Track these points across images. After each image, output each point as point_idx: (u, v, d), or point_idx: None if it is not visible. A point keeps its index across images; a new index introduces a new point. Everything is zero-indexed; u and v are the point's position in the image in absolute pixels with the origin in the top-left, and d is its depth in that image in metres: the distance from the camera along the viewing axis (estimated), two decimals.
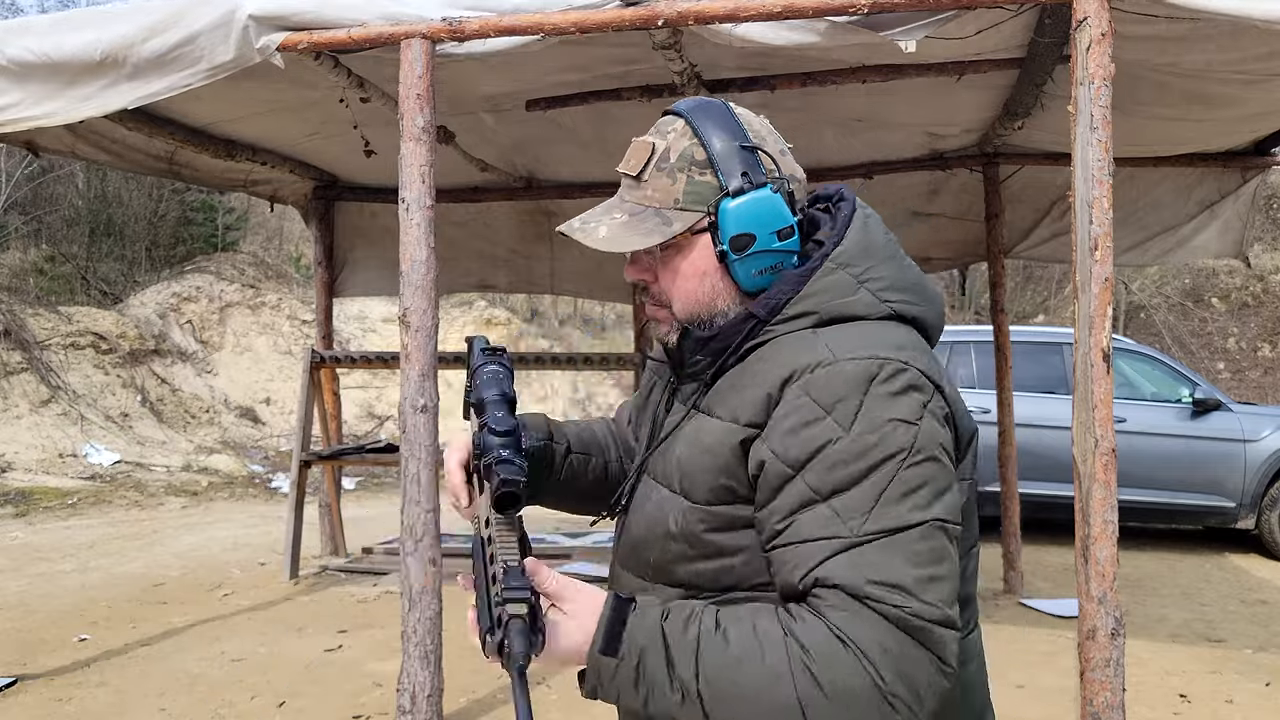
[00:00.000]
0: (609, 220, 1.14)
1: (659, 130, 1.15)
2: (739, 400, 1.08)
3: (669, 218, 1.12)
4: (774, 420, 1.02)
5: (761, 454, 1.02)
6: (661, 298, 1.18)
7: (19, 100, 3.43)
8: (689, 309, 1.16)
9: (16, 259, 14.67)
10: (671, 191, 1.11)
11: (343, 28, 3.19)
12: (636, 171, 1.13)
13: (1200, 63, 3.40)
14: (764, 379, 1.06)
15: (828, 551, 0.95)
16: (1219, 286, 18.67)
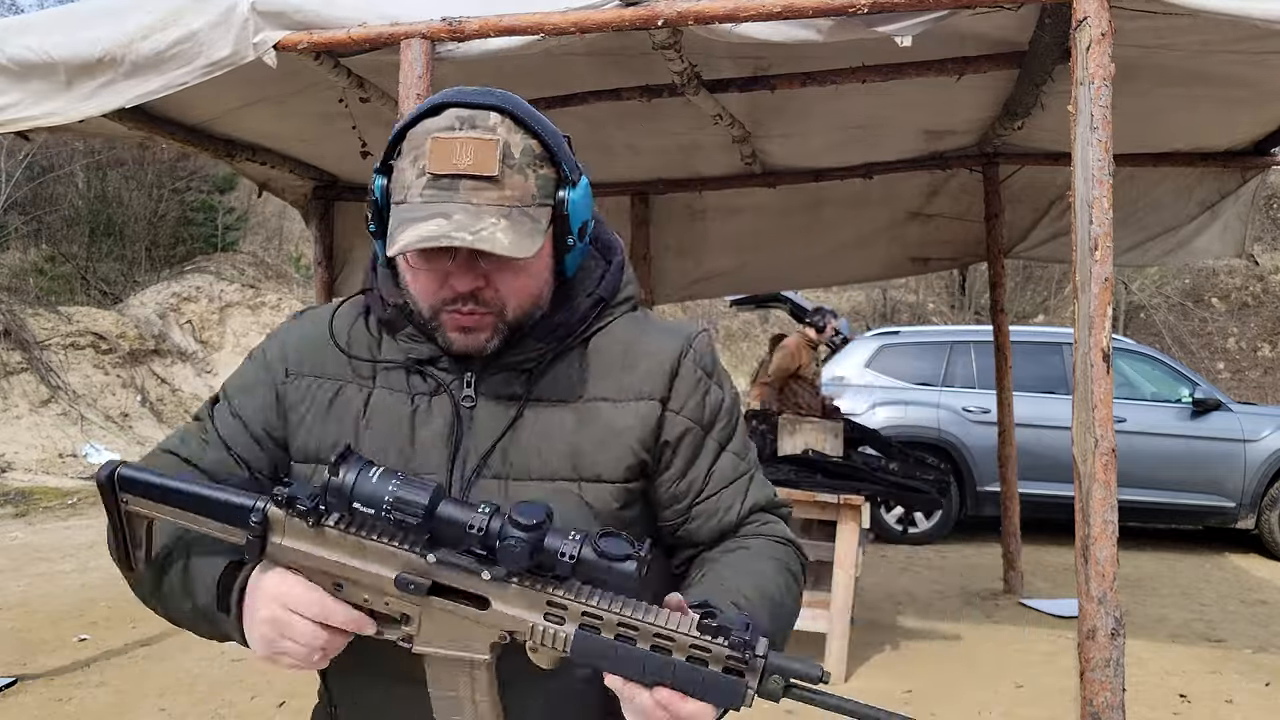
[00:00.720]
0: (490, 225, 1.03)
1: (482, 126, 1.05)
2: (631, 378, 1.15)
3: (535, 215, 1.07)
4: (679, 392, 1.16)
5: (681, 425, 1.16)
6: (493, 302, 1.09)
7: (19, 100, 3.43)
8: (525, 308, 1.12)
9: (16, 259, 14.67)
10: (527, 188, 1.07)
11: (342, 27, 3.19)
12: (490, 171, 1.04)
13: (1197, 43, 3.40)
14: (651, 356, 1.16)
15: (745, 485, 1.21)
16: (1219, 286, 18.67)
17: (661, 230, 6.37)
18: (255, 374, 1.20)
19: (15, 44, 3.36)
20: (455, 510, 0.97)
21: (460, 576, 0.98)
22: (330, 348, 1.17)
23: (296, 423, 1.16)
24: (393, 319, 1.16)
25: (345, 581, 1.01)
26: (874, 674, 4.51)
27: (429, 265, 1.08)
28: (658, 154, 5.45)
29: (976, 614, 5.53)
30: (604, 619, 0.95)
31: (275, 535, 1.01)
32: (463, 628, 0.99)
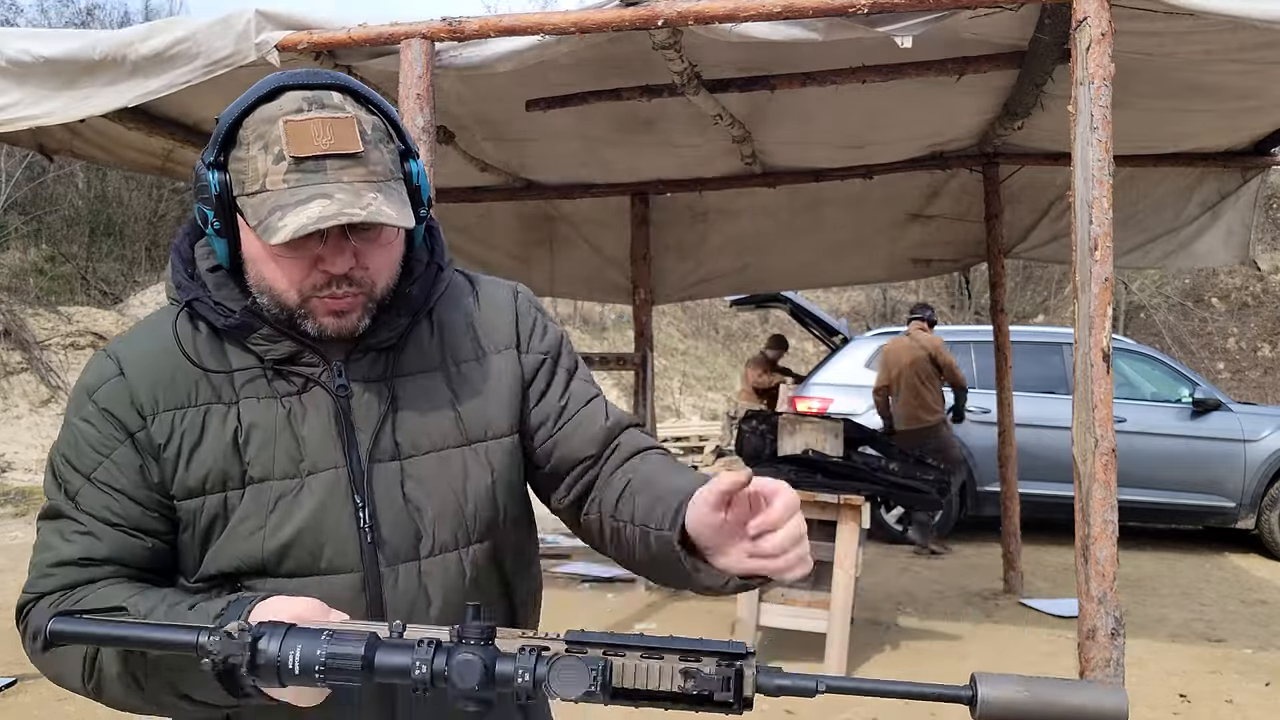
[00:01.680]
0: (372, 198, 1.01)
1: (330, 105, 1.03)
2: (481, 333, 1.20)
3: (399, 189, 1.07)
4: (523, 333, 1.23)
5: (534, 360, 1.23)
6: (364, 281, 1.07)
7: (19, 100, 3.44)
8: (390, 284, 1.11)
9: (16, 259, 14.67)
10: (386, 162, 1.06)
11: (342, 28, 3.19)
12: (356, 149, 1.02)
13: (1198, 52, 3.40)
14: (490, 308, 1.23)
15: (602, 403, 1.26)
16: (1219, 286, 18.67)
17: (662, 231, 6.37)
18: (100, 439, 1.07)
19: (15, 46, 3.36)
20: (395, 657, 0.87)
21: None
22: (179, 374, 1.08)
23: (171, 462, 1.07)
24: (243, 323, 1.09)
25: None
26: (874, 674, 4.49)
27: (297, 252, 1.03)
28: (658, 152, 5.46)
29: (976, 614, 5.53)
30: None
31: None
32: None
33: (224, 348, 1.11)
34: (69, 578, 1.05)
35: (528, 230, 6.64)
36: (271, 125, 1.02)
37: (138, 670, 1.00)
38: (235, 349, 1.10)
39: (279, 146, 1.01)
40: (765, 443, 5.47)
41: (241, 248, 1.08)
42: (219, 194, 1.04)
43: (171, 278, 1.13)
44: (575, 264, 6.74)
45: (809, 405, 7.87)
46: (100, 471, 1.06)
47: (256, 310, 1.08)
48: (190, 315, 1.11)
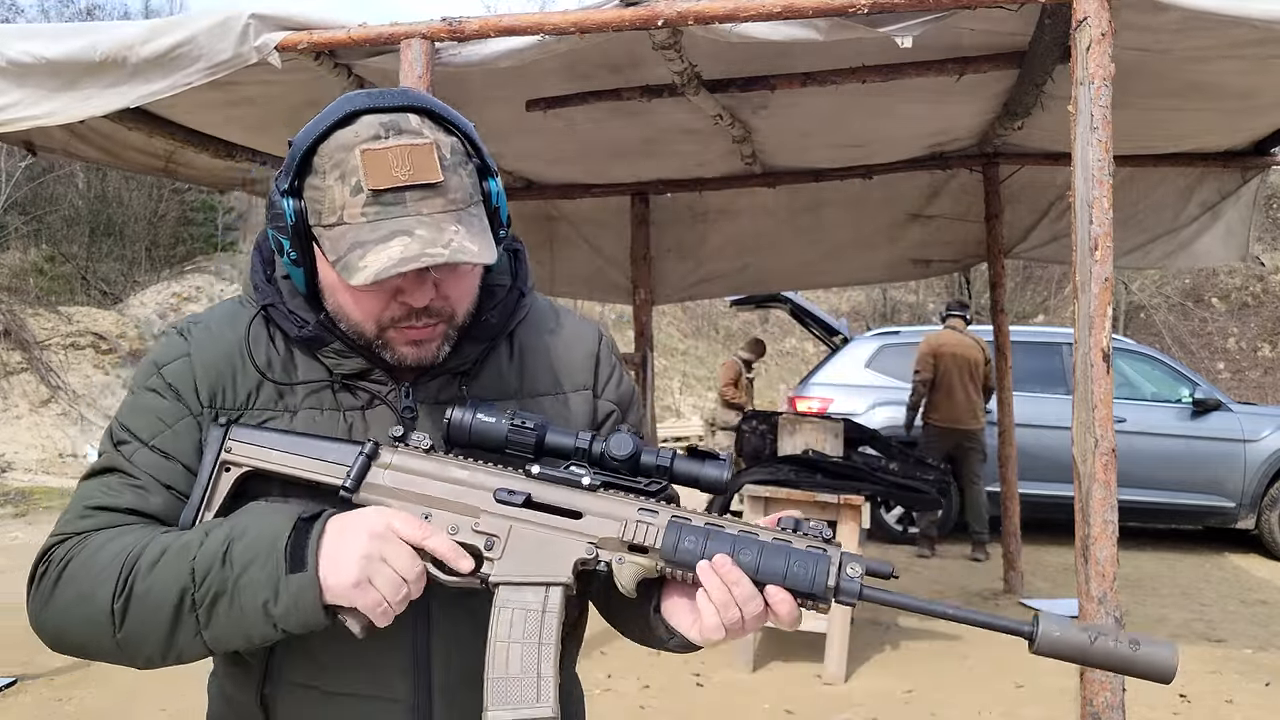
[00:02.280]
0: (453, 233, 0.99)
1: (408, 130, 1.00)
2: (560, 368, 1.20)
3: (478, 214, 1.04)
4: (601, 378, 1.22)
5: (606, 408, 1.22)
6: (443, 311, 1.05)
7: (19, 100, 3.43)
8: (469, 308, 1.09)
9: (16, 259, 14.68)
10: (465, 187, 1.02)
11: (342, 28, 3.19)
12: (435, 179, 0.99)
13: (1197, 50, 3.40)
14: (573, 345, 1.21)
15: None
16: (1219, 286, 18.68)
17: (662, 231, 6.37)
18: (166, 408, 1.08)
19: (16, 47, 3.36)
20: (561, 435, 1.06)
21: (558, 490, 1.04)
22: (240, 375, 1.09)
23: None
24: (315, 335, 1.08)
25: (437, 509, 1.03)
26: (874, 674, 4.51)
27: (377, 289, 1.02)
28: (658, 153, 5.46)
29: None
30: (691, 519, 1.02)
31: (380, 462, 1.05)
32: (549, 545, 1.03)
33: (293, 355, 1.11)
34: (111, 522, 1.04)
35: (528, 230, 6.64)
36: (348, 154, 0.99)
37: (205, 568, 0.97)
38: (305, 358, 1.10)
39: (356, 177, 0.98)
40: (765, 443, 5.48)
41: (319, 278, 1.07)
42: (294, 223, 1.02)
43: (250, 277, 1.13)
44: (575, 264, 6.74)
45: (809, 405, 7.87)
46: (161, 439, 1.07)
47: (329, 324, 1.08)
48: (265, 319, 1.11)
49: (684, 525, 1.01)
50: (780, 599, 0.99)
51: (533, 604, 1.01)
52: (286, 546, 0.97)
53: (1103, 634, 0.93)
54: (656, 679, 4.41)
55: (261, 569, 0.96)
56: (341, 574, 0.96)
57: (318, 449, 1.05)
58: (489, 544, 1.02)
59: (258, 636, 0.98)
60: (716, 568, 0.98)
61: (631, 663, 4.61)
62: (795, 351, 20.87)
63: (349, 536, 0.97)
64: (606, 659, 4.66)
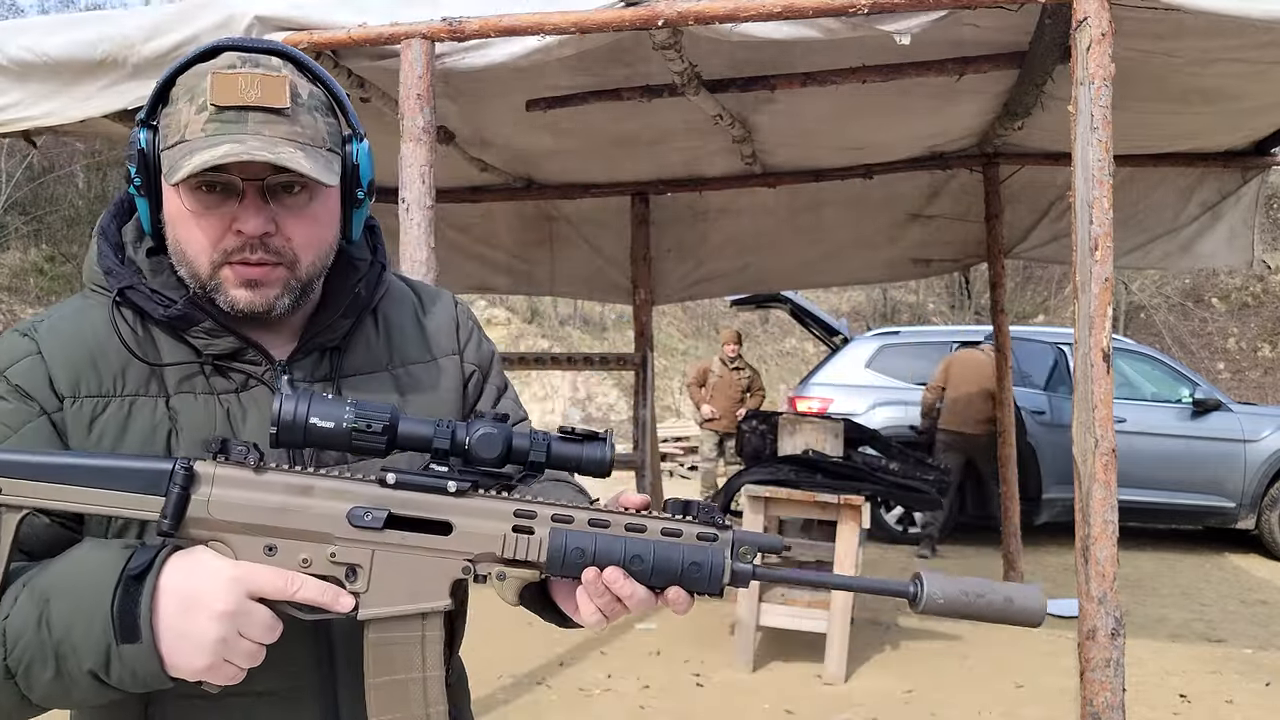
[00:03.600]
0: (289, 150, 0.96)
1: (265, 65, 0.99)
2: (428, 337, 1.19)
3: (326, 159, 1.01)
4: (462, 340, 1.22)
5: (469, 368, 1.22)
6: (284, 252, 1.00)
7: (19, 100, 3.43)
8: (316, 264, 1.04)
9: (16, 259, 14.68)
10: (319, 130, 1.01)
11: (342, 28, 3.19)
12: (281, 104, 0.97)
13: (1197, 50, 3.40)
14: (434, 313, 1.21)
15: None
16: (1219, 286, 18.68)
17: (662, 231, 6.37)
18: (11, 411, 0.98)
19: (15, 45, 3.36)
20: (415, 425, 0.95)
21: (422, 499, 0.93)
22: (101, 360, 1.01)
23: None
24: (184, 313, 1.02)
25: (282, 539, 0.91)
26: (874, 674, 4.51)
27: (212, 209, 0.98)
28: (658, 153, 5.46)
29: None
30: (574, 518, 0.94)
31: (201, 491, 0.90)
32: (420, 569, 0.93)
33: (154, 340, 1.04)
34: None
35: (528, 230, 6.64)
36: (201, 79, 0.98)
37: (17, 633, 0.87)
38: (169, 341, 1.04)
39: (203, 97, 0.97)
40: (765, 443, 5.47)
41: (163, 211, 1.02)
42: (143, 150, 1.00)
43: (98, 262, 1.05)
44: (575, 263, 6.74)
45: (809, 405, 7.88)
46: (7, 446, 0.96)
47: (198, 301, 1.02)
48: (120, 305, 1.03)
49: (569, 532, 0.93)
50: (676, 598, 0.95)
51: (410, 635, 0.94)
52: (113, 611, 0.85)
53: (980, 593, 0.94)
54: (656, 679, 4.41)
55: (86, 636, 0.85)
56: (191, 658, 0.87)
57: (115, 475, 0.89)
58: (350, 574, 0.92)
59: (91, 699, 0.90)
60: (609, 583, 0.93)
61: (631, 663, 4.61)
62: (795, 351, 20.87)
63: (196, 617, 0.86)
64: (606, 659, 4.67)
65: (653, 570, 0.93)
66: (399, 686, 0.94)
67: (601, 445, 0.97)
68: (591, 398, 16.89)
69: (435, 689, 0.95)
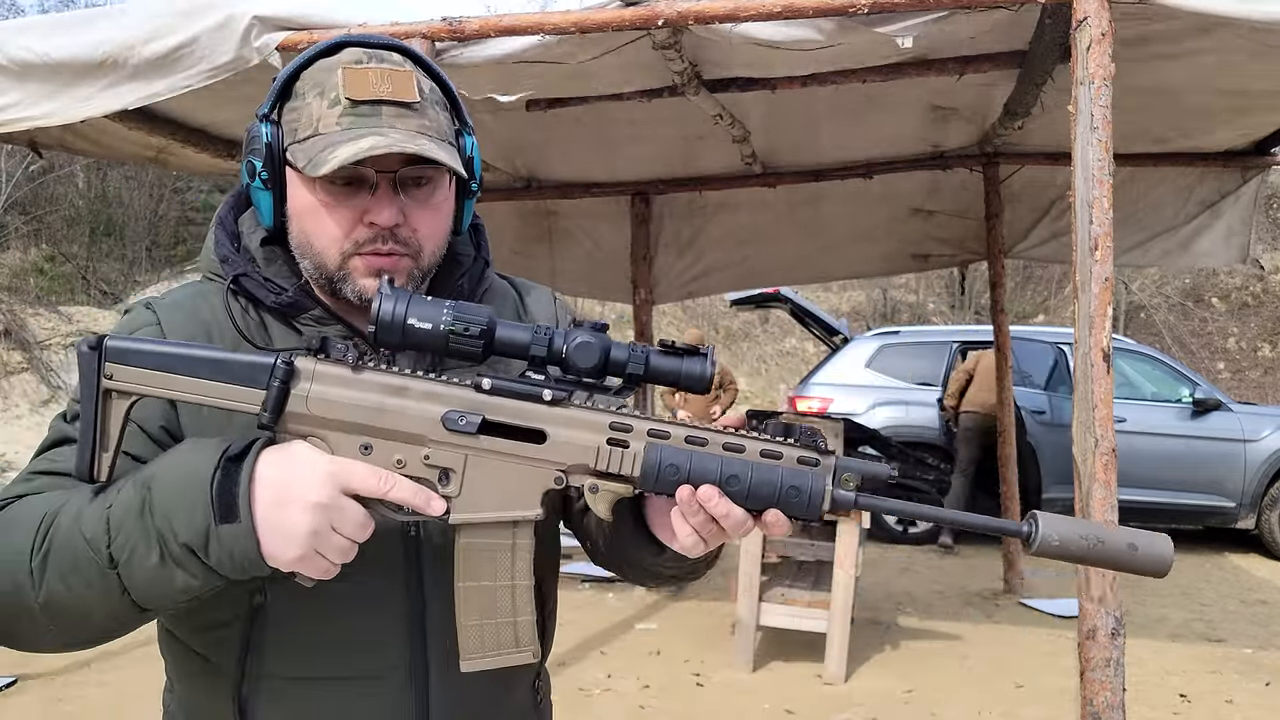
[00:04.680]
0: (425, 141, 0.99)
1: (390, 61, 1.02)
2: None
3: (453, 150, 1.04)
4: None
5: None
6: (411, 243, 1.03)
7: (19, 100, 3.43)
8: (438, 254, 1.07)
9: (16, 259, 14.68)
10: (442, 123, 1.04)
11: (343, 28, 3.19)
12: (412, 99, 1.00)
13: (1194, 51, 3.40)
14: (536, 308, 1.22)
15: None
16: (1219, 286, 18.68)
17: (661, 226, 6.37)
18: None
19: (15, 44, 3.36)
20: (513, 330, 0.94)
21: (516, 406, 0.92)
22: (216, 338, 1.04)
23: (193, 426, 1.01)
24: (295, 301, 1.05)
25: (378, 439, 0.91)
26: (874, 674, 4.51)
27: (344, 201, 1.00)
28: (658, 153, 5.45)
29: (976, 614, 5.53)
30: (671, 434, 0.92)
31: (300, 387, 0.90)
32: (513, 476, 0.93)
33: (265, 326, 1.06)
34: (52, 485, 0.96)
35: (528, 225, 6.64)
36: (330, 74, 1.00)
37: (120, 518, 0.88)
38: (279, 328, 1.06)
39: (335, 91, 0.99)
40: None
41: (288, 204, 1.04)
42: (269, 144, 1.01)
43: (215, 251, 1.08)
44: (576, 260, 6.74)
45: (809, 405, 7.88)
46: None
47: (309, 290, 1.05)
48: (233, 292, 1.05)
49: (664, 447, 0.91)
50: (774, 521, 0.92)
51: (500, 542, 0.93)
52: (212, 492, 0.86)
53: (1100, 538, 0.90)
54: (656, 679, 4.41)
55: (189, 517, 0.86)
56: (285, 548, 0.87)
57: (219, 367, 0.90)
58: (443, 478, 0.92)
59: (194, 588, 0.89)
60: (704, 501, 0.90)
61: (631, 663, 4.61)
62: (795, 351, 20.86)
63: (291, 508, 0.87)
64: (606, 659, 4.67)
65: (749, 492, 0.90)
66: (487, 592, 0.94)
67: (702, 361, 0.93)
68: None
69: (523, 597, 0.95)
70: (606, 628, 5.09)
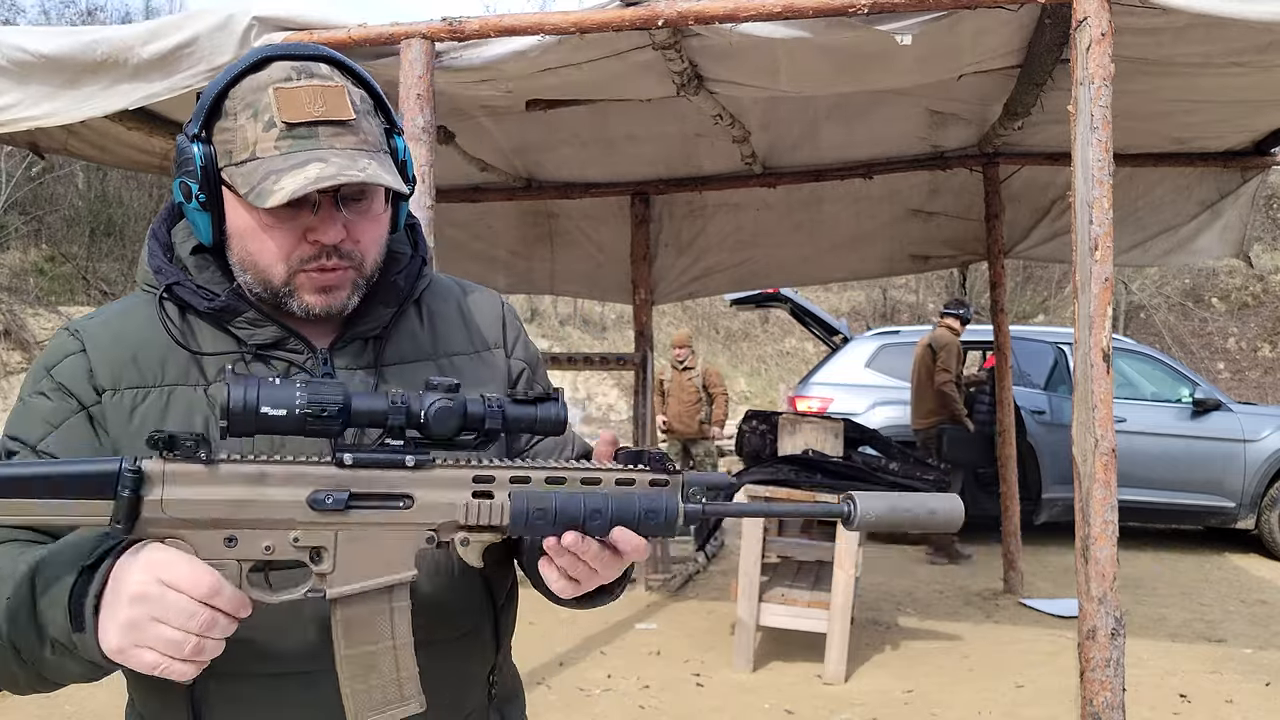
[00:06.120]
0: (367, 163, 1.00)
1: (319, 75, 1.02)
2: (471, 330, 1.21)
3: (388, 161, 1.06)
4: (509, 338, 1.24)
5: (517, 366, 1.23)
6: (353, 255, 1.04)
7: (19, 100, 3.43)
8: (379, 260, 1.09)
9: (16, 259, 14.67)
10: (376, 133, 1.05)
11: (342, 28, 3.19)
12: (347, 116, 1.01)
13: (1197, 55, 3.40)
14: (480, 309, 1.23)
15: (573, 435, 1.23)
16: (1219, 286, 18.68)
17: (661, 226, 6.37)
18: (53, 409, 1.03)
19: (15, 45, 3.36)
20: (369, 400, 0.93)
21: (382, 476, 0.93)
22: (142, 353, 1.05)
23: (125, 441, 1.02)
24: (228, 305, 1.06)
25: (243, 530, 0.90)
26: (874, 674, 4.51)
27: (288, 223, 1.01)
28: (658, 153, 5.45)
29: (976, 614, 5.53)
30: (531, 476, 0.95)
31: (153, 492, 0.88)
32: (385, 542, 0.93)
33: (197, 333, 1.08)
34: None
35: (528, 226, 6.64)
36: (260, 93, 1.00)
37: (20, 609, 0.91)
38: (213, 333, 1.07)
39: (269, 114, 0.99)
40: (765, 443, 5.48)
41: (226, 223, 1.04)
42: (204, 166, 1.01)
43: (148, 262, 1.09)
44: (576, 261, 6.74)
45: (809, 405, 7.87)
46: (48, 441, 1.02)
47: (241, 293, 1.06)
48: (165, 301, 1.07)
49: (528, 493, 0.94)
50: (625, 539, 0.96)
51: (378, 607, 0.95)
52: (70, 601, 0.88)
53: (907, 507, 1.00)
54: (656, 679, 4.41)
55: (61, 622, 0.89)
56: (109, 640, 0.87)
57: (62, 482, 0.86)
58: (315, 556, 0.92)
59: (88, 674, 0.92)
60: (569, 546, 0.94)
61: (631, 663, 4.61)
62: (795, 351, 20.87)
63: (115, 601, 0.87)
64: (606, 659, 4.67)
65: (611, 521, 0.95)
66: (370, 656, 0.95)
67: (555, 405, 0.98)
68: (591, 397, 16.90)
69: (405, 656, 0.96)
70: (606, 628, 5.09)
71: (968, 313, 7.23)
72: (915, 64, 3.45)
